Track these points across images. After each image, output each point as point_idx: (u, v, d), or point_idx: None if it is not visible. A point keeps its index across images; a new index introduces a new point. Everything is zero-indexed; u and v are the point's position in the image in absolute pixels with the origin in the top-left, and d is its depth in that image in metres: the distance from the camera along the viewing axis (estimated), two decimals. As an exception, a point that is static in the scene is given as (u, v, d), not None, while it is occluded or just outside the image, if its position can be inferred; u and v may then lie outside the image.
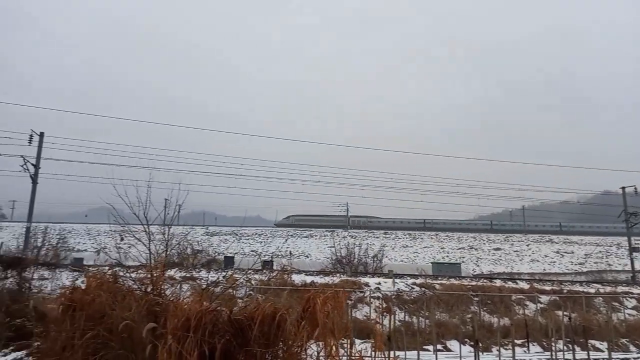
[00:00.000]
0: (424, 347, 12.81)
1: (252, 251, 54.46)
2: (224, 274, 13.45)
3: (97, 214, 71.20)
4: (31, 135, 25.99)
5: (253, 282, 16.94)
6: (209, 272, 19.43)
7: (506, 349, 13.29)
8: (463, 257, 56.79)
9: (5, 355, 6.91)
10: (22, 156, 25.38)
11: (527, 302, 19.72)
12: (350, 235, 56.99)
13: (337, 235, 59.96)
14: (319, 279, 20.53)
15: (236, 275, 15.69)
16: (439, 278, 24.81)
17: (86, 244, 55.62)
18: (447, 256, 57.35)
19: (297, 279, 19.72)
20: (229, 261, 26.63)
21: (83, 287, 6.48)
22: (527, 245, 63.22)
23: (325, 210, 72.57)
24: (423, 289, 19.93)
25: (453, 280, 23.40)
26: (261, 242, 62.81)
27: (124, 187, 6.12)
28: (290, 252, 49.60)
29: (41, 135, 26.65)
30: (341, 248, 34.89)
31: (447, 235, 68.53)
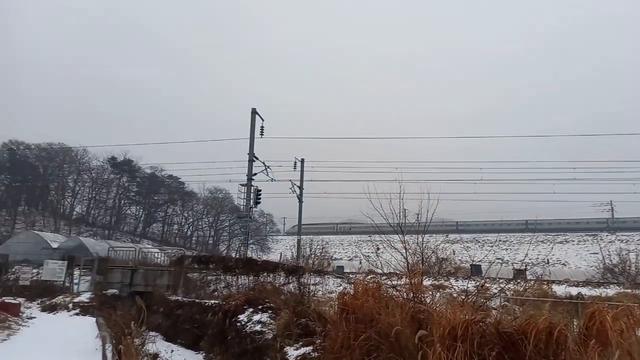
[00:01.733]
0: None
1: (498, 259, 51.16)
2: (474, 282, 12.97)
3: (347, 226, 78.97)
4: (295, 162, 31.24)
5: (507, 292, 15.81)
6: (457, 281, 19.09)
7: None
8: None
9: (297, 349, 8.19)
10: (290, 180, 30.73)
11: None
12: (619, 239, 47.64)
13: (602, 239, 50.90)
14: (586, 291, 17.70)
15: (487, 285, 14.92)
16: None
17: (340, 253, 62.38)
18: None
19: (559, 290, 17.48)
20: (476, 269, 25.59)
21: (351, 293, 7.24)
22: None
23: (584, 211, 62.14)
24: None
25: None
26: (507, 249, 58.51)
27: (378, 201, 6.62)
28: (547, 260, 44.49)
29: (302, 161, 31.77)
30: (609, 254, 29.52)
31: None
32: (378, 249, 8.69)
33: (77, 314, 18.06)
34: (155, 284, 20.34)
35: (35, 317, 15.67)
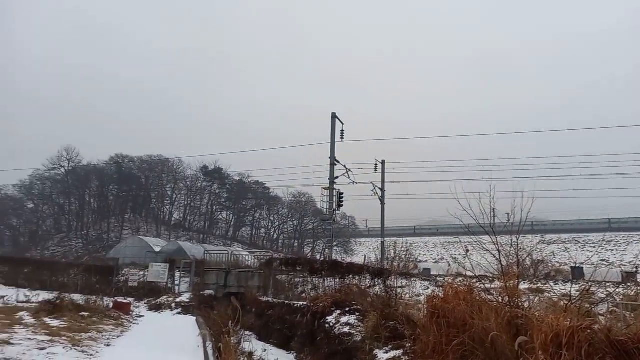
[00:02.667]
0: None
1: (602, 260, 46.77)
2: (575, 286, 11.99)
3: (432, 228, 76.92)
4: (376, 164, 31.17)
5: (616, 296, 14.37)
6: (556, 284, 17.72)
7: None
8: None
9: (386, 352, 8.16)
10: (371, 182, 30.71)
11: None
12: None
13: None
14: None
15: (593, 289, 13.67)
16: None
17: (426, 255, 60.80)
18: None
19: (680, 295, 15.53)
20: (577, 272, 23.60)
21: (441, 296, 7.06)
22: None
23: None
24: None
25: None
26: (612, 250, 53.27)
27: (467, 200, 6.39)
28: (661, 261, 39.78)
29: (383, 162, 31.62)
30: None
31: None
32: (467, 250, 8.38)
33: (179, 313, 19.51)
34: (247, 285, 21.34)
35: (143, 316, 17.15)
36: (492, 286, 7.07)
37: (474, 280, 8.01)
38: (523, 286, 14.95)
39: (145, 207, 69.85)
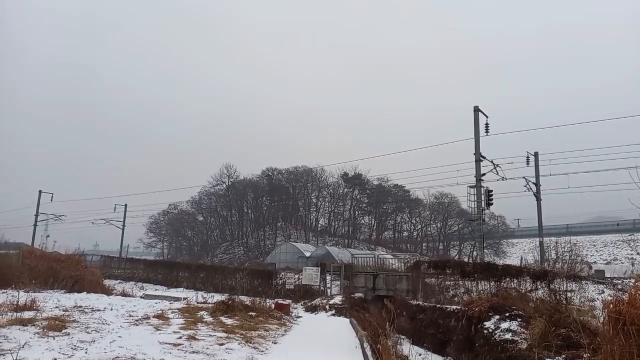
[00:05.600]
0: None
1: None
2: None
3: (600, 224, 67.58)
4: (527, 157, 28.54)
5: None
6: None
7: None
8: None
9: (559, 362, 7.41)
10: (523, 177, 28.16)
11: None
12: None
13: None
14: None
15: None
16: None
17: (594, 256, 53.54)
18: None
19: None
20: None
21: (626, 300, 6.17)
22: None
23: None
24: None
25: None
26: None
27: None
28: None
29: (536, 155, 28.77)
30: None
31: None
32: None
33: (332, 315, 20.36)
34: (395, 288, 21.38)
35: (301, 317, 18.27)
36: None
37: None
38: None
39: (294, 215, 74.83)
